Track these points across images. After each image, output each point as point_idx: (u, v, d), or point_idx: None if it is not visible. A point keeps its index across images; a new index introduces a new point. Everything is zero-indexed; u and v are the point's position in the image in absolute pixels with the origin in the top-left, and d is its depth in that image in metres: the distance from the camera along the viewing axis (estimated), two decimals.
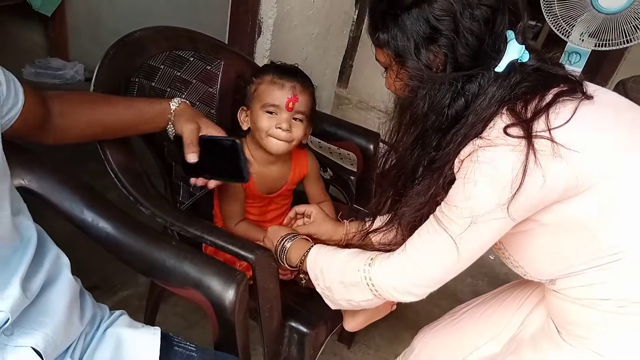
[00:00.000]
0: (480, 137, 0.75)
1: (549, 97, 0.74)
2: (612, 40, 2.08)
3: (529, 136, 0.71)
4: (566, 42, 2.23)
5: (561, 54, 2.30)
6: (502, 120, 0.74)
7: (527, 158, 0.70)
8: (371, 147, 1.39)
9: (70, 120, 0.88)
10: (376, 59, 0.87)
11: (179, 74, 1.28)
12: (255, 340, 1.04)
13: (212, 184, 1.03)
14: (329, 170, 1.54)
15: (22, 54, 2.77)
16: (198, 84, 1.33)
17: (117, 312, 0.86)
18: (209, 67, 1.35)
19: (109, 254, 0.93)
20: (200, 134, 0.99)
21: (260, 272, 0.96)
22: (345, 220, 1.19)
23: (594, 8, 2.05)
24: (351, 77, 2.94)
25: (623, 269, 0.74)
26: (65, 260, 0.80)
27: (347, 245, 1.14)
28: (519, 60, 0.77)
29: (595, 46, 2.16)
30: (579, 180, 0.71)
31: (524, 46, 0.77)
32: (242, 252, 0.96)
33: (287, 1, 1.66)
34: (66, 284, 0.77)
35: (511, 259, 0.88)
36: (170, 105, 0.99)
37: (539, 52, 0.79)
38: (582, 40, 2.18)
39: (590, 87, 0.79)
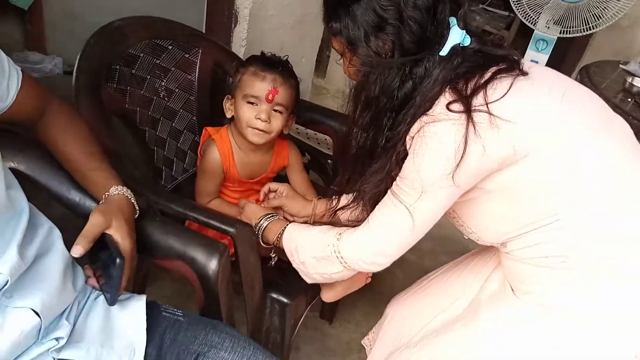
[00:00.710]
0: (426, 114, 0.82)
1: (487, 75, 0.81)
2: (575, 27, 2.19)
3: (468, 110, 0.78)
4: (533, 30, 2.33)
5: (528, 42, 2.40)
6: (445, 97, 0.81)
7: (467, 130, 0.77)
8: (345, 129, 1.46)
9: (49, 136, 0.93)
10: (332, 47, 0.93)
11: (158, 61, 1.33)
12: (240, 313, 1.11)
13: (91, 282, 0.89)
14: (306, 154, 1.60)
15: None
16: (177, 72, 1.38)
17: None
18: (187, 56, 1.40)
19: None
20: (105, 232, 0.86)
21: (241, 244, 1.03)
22: (313, 198, 1.27)
23: None
24: (328, 67, 3.00)
25: (562, 229, 0.82)
26: (57, 233, 0.85)
27: (315, 222, 1.21)
28: (460, 44, 0.84)
29: (560, 33, 2.26)
30: (515, 148, 0.79)
31: (464, 31, 0.84)
32: (223, 226, 1.02)
33: None
34: (59, 252, 0.82)
35: (465, 225, 0.95)
36: (110, 190, 0.91)
37: (479, 36, 0.87)
38: (548, 27, 2.28)
39: (527, 65, 0.86)
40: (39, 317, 0.73)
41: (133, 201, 0.92)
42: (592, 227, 0.81)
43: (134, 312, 0.87)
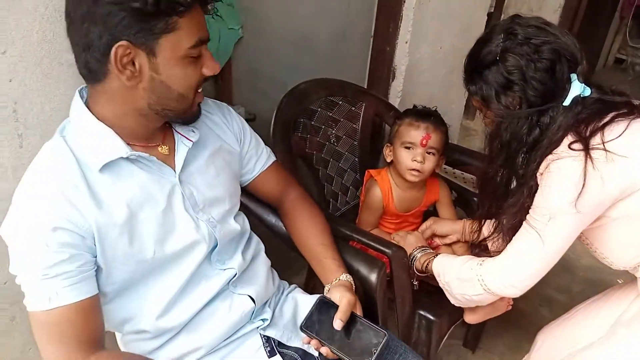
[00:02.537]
0: (552, 154, 0.98)
1: (606, 119, 0.96)
2: None
3: (587, 148, 0.93)
4: None
5: None
6: (568, 139, 0.97)
7: (585, 164, 0.92)
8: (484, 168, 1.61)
9: (293, 227, 1.19)
10: (472, 104, 1.14)
11: (330, 114, 1.64)
12: (392, 328, 1.31)
13: (324, 350, 0.96)
14: (453, 192, 1.77)
15: None
16: (345, 122, 1.68)
17: (294, 285, 1.21)
18: (353, 108, 1.69)
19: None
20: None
21: (395, 263, 1.25)
22: (463, 219, 1.47)
23: None
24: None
25: None
26: (262, 245, 1.16)
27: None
28: (581, 95, 0.99)
29: None
30: (632, 179, 0.92)
31: (583, 85, 0.98)
32: (381, 247, 1.25)
33: (418, 50, 1.96)
34: (264, 259, 1.13)
35: (598, 252, 1.06)
36: (341, 277, 1.07)
37: (600, 87, 1.01)
38: None
39: None
40: (254, 302, 1.03)
41: (352, 282, 1.09)
42: None
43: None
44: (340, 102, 1.65)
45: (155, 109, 0.85)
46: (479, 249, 1.40)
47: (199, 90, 0.89)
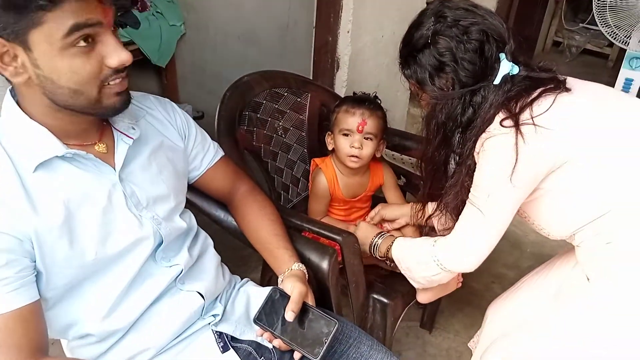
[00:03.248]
0: (485, 132, 1.01)
1: (534, 94, 1.00)
2: None
3: (517, 124, 0.97)
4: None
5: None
6: (499, 116, 1.00)
7: (516, 140, 0.96)
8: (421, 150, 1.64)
9: (244, 219, 1.18)
10: (409, 88, 1.17)
11: (276, 106, 1.63)
12: (347, 312, 1.32)
13: (276, 342, 0.97)
14: (402, 177, 1.80)
15: None
16: (291, 113, 1.68)
17: (246, 279, 1.20)
18: (299, 99, 1.69)
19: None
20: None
21: (346, 249, 1.26)
22: (411, 203, 1.50)
23: None
24: None
25: (614, 219, 0.97)
26: (210, 241, 1.14)
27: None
28: (510, 74, 1.02)
29: None
30: (561, 152, 0.96)
31: (511, 63, 1.02)
32: (332, 235, 1.26)
33: (360, 39, 1.98)
34: (213, 255, 1.12)
35: (535, 224, 1.11)
36: (293, 266, 1.08)
37: (527, 64, 1.05)
38: None
39: (572, 82, 1.03)
40: (203, 298, 1.01)
41: (305, 271, 1.09)
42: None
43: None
44: (286, 94, 1.65)
45: (59, 105, 0.81)
46: (427, 228, 1.43)
47: (110, 83, 0.81)
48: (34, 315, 0.79)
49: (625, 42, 2.25)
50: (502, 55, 1.03)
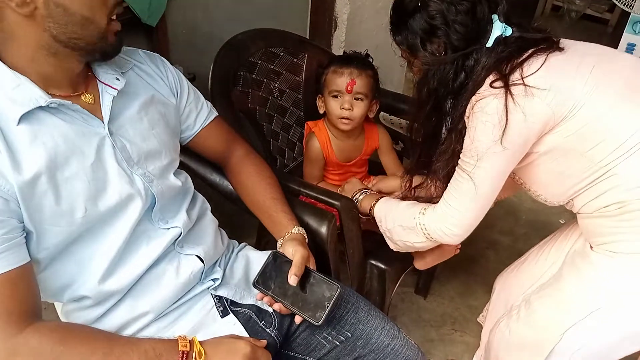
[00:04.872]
0: (475, 94, 0.98)
1: (525, 55, 0.96)
2: None
3: (506, 85, 0.94)
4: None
5: None
6: (490, 78, 0.97)
7: (506, 101, 0.93)
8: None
9: (241, 183, 1.16)
10: (401, 55, 1.12)
11: (272, 66, 1.58)
12: (344, 278, 1.31)
13: (277, 306, 0.97)
14: (400, 142, 1.77)
15: None
16: (288, 74, 1.63)
17: (244, 243, 1.18)
18: (295, 60, 1.63)
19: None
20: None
21: (345, 215, 1.23)
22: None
23: None
24: None
25: (613, 180, 0.94)
26: (207, 205, 1.11)
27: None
28: (503, 35, 0.99)
29: None
30: (554, 113, 0.93)
31: (504, 24, 0.98)
32: (330, 200, 1.23)
33: None
34: (211, 218, 1.09)
35: (532, 190, 1.09)
36: (293, 229, 1.06)
37: (520, 25, 1.01)
38: None
39: (565, 42, 1.00)
40: (202, 262, 0.99)
41: (305, 235, 1.07)
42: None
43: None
44: (282, 54, 1.59)
45: (62, 41, 0.78)
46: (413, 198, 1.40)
47: (113, 18, 0.82)
48: (24, 278, 0.77)
49: (630, 5, 2.20)
50: (495, 17, 0.99)
